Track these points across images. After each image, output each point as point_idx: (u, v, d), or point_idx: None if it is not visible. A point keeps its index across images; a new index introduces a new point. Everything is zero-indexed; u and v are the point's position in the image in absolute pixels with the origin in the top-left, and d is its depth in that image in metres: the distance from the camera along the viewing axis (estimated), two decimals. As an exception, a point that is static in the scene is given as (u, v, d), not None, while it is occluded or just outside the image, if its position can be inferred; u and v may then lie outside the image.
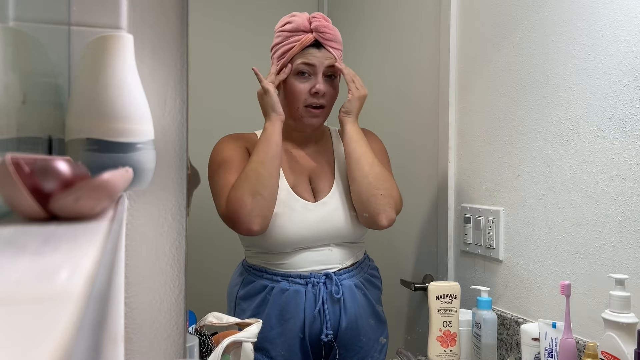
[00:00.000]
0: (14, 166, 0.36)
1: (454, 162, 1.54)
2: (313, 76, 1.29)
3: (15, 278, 0.23)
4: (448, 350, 1.20)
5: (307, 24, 1.29)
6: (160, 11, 0.66)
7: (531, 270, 1.25)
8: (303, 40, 1.28)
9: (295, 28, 1.29)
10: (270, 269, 1.32)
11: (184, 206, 0.68)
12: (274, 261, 1.32)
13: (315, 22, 1.28)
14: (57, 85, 0.61)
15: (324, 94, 1.30)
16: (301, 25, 1.28)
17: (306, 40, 1.28)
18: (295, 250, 1.30)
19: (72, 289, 0.21)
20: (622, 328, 0.89)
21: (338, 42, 1.32)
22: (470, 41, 1.47)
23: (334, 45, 1.31)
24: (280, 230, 1.27)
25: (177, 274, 0.68)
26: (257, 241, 1.31)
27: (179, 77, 0.67)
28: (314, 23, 1.28)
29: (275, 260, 1.32)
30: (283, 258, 1.31)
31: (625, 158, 1.03)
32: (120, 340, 0.56)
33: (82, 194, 0.37)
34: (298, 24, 1.29)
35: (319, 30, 1.28)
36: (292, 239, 1.29)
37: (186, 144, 0.68)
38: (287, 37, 1.29)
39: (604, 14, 1.07)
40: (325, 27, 1.29)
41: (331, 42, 1.30)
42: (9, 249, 0.29)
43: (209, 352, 0.90)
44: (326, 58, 1.30)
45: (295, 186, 1.32)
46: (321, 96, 1.30)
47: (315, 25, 1.28)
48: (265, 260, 1.33)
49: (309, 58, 1.28)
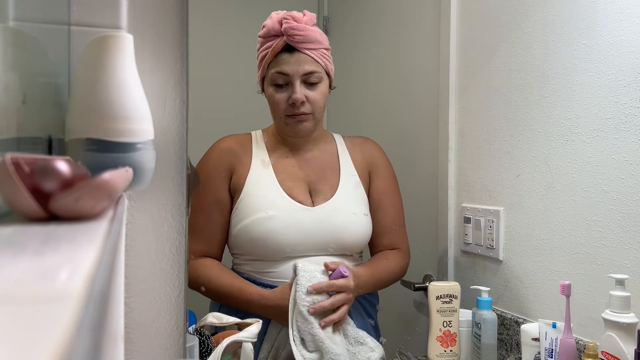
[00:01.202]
0: (14, 166, 0.36)
1: (454, 162, 1.54)
2: (290, 85, 1.21)
3: (15, 278, 0.23)
4: (448, 350, 1.20)
5: (277, 26, 1.19)
6: (160, 11, 0.66)
7: (531, 270, 1.25)
8: (274, 46, 1.19)
9: (267, 33, 1.21)
10: (259, 278, 1.24)
11: (184, 206, 0.68)
12: (264, 269, 1.23)
13: (285, 24, 1.18)
14: (57, 85, 0.61)
15: (303, 102, 1.22)
16: (272, 30, 1.20)
17: (277, 45, 1.19)
18: (287, 259, 1.22)
19: (72, 289, 0.21)
20: (622, 328, 0.89)
21: (314, 41, 1.21)
22: (470, 41, 1.47)
23: (309, 47, 1.20)
24: (272, 234, 1.19)
25: (177, 274, 0.68)
26: (246, 246, 1.23)
27: (179, 77, 0.67)
28: (283, 25, 1.18)
29: (266, 269, 1.23)
30: (274, 266, 1.22)
31: (625, 158, 1.03)
32: (120, 340, 0.56)
33: (82, 194, 0.37)
34: (269, 28, 1.20)
35: (288, 33, 1.18)
36: (285, 245, 1.20)
37: (186, 144, 0.68)
38: (263, 42, 1.23)
39: (604, 14, 1.07)
40: (294, 29, 1.18)
41: (305, 44, 1.20)
42: (9, 249, 0.29)
43: (209, 352, 0.90)
44: (301, 63, 1.20)
45: (291, 190, 1.25)
46: (300, 105, 1.22)
47: (284, 27, 1.18)
48: (256, 268, 1.24)
49: (282, 67, 1.20)
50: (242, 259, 1.27)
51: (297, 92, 1.20)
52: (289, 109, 1.23)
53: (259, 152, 1.30)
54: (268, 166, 1.28)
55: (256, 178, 1.26)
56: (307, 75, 1.21)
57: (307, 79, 1.22)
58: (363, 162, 1.36)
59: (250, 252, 1.24)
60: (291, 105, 1.22)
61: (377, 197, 1.35)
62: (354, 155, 1.36)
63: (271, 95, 1.24)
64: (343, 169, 1.33)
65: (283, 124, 1.26)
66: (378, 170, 1.37)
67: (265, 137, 1.34)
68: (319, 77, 1.24)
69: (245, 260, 1.26)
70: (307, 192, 1.28)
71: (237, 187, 1.26)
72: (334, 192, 1.28)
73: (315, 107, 1.24)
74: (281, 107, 1.23)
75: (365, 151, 1.38)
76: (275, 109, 1.25)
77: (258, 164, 1.28)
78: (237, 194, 1.26)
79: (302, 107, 1.22)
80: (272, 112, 1.28)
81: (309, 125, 1.26)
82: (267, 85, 1.25)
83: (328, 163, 1.33)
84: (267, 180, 1.26)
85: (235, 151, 1.29)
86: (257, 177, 1.26)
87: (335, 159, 1.34)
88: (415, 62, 1.74)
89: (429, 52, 1.64)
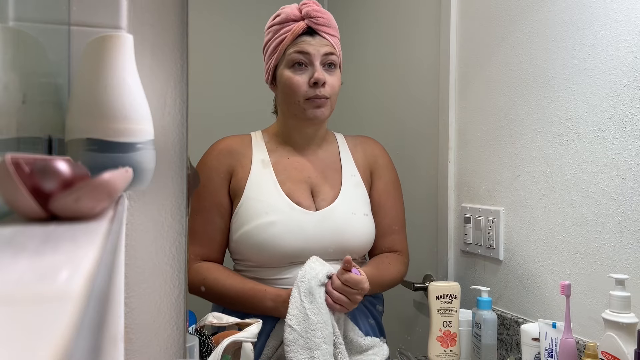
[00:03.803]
0: (14, 166, 0.36)
1: (454, 162, 1.54)
2: (310, 66, 1.20)
3: (15, 278, 0.23)
4: (448, 350, 1.20)
5: (297, 12, 1.21)
6: (160, 11, 0.66)
7: (531, 270, 1.25)
8: (294, 29, 1.20)
9: (284, 19, 1.21)
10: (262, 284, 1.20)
11: (184, 206, 0.68)
12: (267, 276, 1.21)
13: (306, 8, 1.21)
14: (57, 85, 0.61)
15: (324, 84, 1.20)
16: (291, 15, 1.21)
17: (298, 28, 1.20)
18: (291, 264, 1.19)
19: (72, 289, 0.21)
20: (622, 328, 0.89)
21: (333, 27, 1.24)
22: (470, 41, 1.47)
23: (328, 31, 1.22)
24: (275, 240, 1.17)
25: (177, 274, 0.68)
26: (248, 253, 1.21)
27: (179, 77, 0.67)
28: (304, 9, 1.21)
29: (269, 275, 1.21)
30: (277, 272, 1.20)
31: (625, 158, 1.03)
32: (120, 340, 0.56)
33: (82, 194, 0.37)
34: (287, 13, 1.21)
35: (310, 15, 1.20)
36: (287, 251, 1.17)
37: (186, 144, 0.68)
38: (278, 30, 1.22)
39: (604, 14, 1.07)
40: (317, 12, 1.21)
41: (325, 27, 1.22)
42: (9, 249, 0.29)
43: (209, 352, 0.90)
44: (322, 45, 1.21)
45: (292, 193, 1.22)
46: (322, 86, 1.20)
47: (305, 11, 1.20)
48: (258, 275, 1.22)
49: (303, 47, 1.20)
50: (243, 265, 1.25)
51: (319, 70, 1.20)
52: (310, 90, 1.20)
53: (259, 154, 1.27)
54: (269, 168, 1.25)
55: (257, 181, 1.23)
56: (327, 55, 1.21)
57: (327, 59, 1.21)
58: (365, 162, 1.35)
59: (252, 259, 1.22)
60: (312, 85, 1.20)
61: (378, 198, 1.34)
62: (355, 155, 1.35)
63: (289, 78, 1.21)
64: (345, 170, 1.31)
65: (300, 109, 1.22)
66: (380, 170, 1.36)
67: (265, 137, 1.31)
68: (337, 62, 1.24)
69: (247, 266, 1.24)
70: (309, 195, 1.25)
71: (237, 191, 1.23)
72: (337, 194, 1.26)
73: (333, 92, 1.23)
74: (301, 89, 1.20)
75: (367, 151, 1.37)
76: (293, 93, 1.21)
77: (258, 166, 1.25)
78: (237, 198, 1.23)
79: (323, 89, 1.21)
80: (288, 98, 1.23)
81: (326, 111, 1.24)
82: (284, 68, 1.22)
83: (330, 164, 1.31)
84: (268, 183, 1.23)
85: (235, 153, 1.27)
86: (258, 180, 1.23)
87: (337, 159, 1.33)
88: (415, 62, 1.74)
89: (429, 51, 1.64)
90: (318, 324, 1.08)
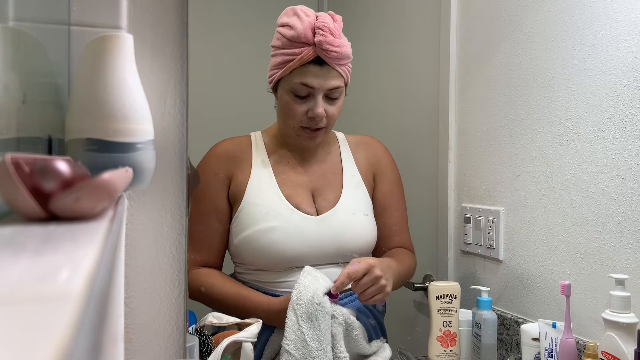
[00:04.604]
0: (14, 166, 0.36)
1: (454, 162, 1.54)
2: (311, 97, 1.16)
3: (15, 278, 0.23)
4: (448, 350, 1.20)
5: (310, 35, 1.11)
6: (160, 11, 0.66)
7: (531, 270, 1.25)
8: (303, 56, 1.12)
9: (295, 37, 1.11)
10: (263, 287, 1.20)
11: (184, 206, 0.68)
12: (268, 279, 1.20)
13: (319, 37, 1.10)
14: (57, 85, 0.61)
15: (322, 118, 1.18)
16: (302, 36, 1.11)
17: (306, 56, 1.12)
18: (291, 269, 1.18)
19: (72, 289, 0.21)
20: (622, 328, 0.89)
21: (346, 57, 1.16)
22: (470, 41, 1.47)
23: (340, 62, 1.15)
24: (275, 245, 1.16)
25: (177, 274, 0.68)
26: (248, 257, 1.20)
27: (179, 77, 0.67)
28: (317, 36, 1.10)
29: (270, 279, 1.20)
30: (278, 276, 1.19)
31: (625, 158, 1.03)
32: (120, 340, 0.56)
33: (82, 194, 0.37)
34: (299, 32, 1.11)
35: (323, 47, 1.10)
36: (288, 256, 1.16)
37: (186, 144, 0.68)
38: (286, 44, 1.14)
39: (604, 14, 1.07)
40: (330, 44, 1.10)
41: (337, 60, 1.14)
42: (9, 249, 0.29)
43: (209, 352, 0.90)
44: (328, 78, 1.15)
45: (292, 197, 1.21)
46: (319, 120, 1.18)
47: (319, 40, 1.10)
48: (259, 278, 1.21)
49: (308, 79, 1.13)
50: (244, 268, 1.24)
51: (319, 106, 1.16)
52: (306, 121, 1.18)
53: (259, 157, 1.25)
54: (269, 172, 1.24)
55: (257, 185, 1.22)
56: (331, 90, 1.17)
57: (330, 94, 1.17)
58: (367, 164, 1.33)
59: (252, 263, 1.21)
60: (310, 119, 1.17)
61: (383, 199, 1.33)
62: (357, 156, 1.33)
63: (287, 103, 1.18)
64: (346, 171, 1.30)
65: (294, 134, 1.21)
66: (383, 171, 1.34)
67: (265, 138, 1.30)
68: (341, 92, 1.20)
69: (248, 270, 1.23)
70: (310, 199, 1.24)
71: (237, 195, 1.22)
72: (338, 198, 1.25)
73: (331, 121, 1.21)
74: (297, 118, 1.18)
75: (370, 152, 1.35)
76: (289, 118, 1.19)
77: (258, 170, 1.23)
78: (237, 203, 1.22)
79: (321, 121, 1.19)
80: (284, 119, 1.21)
81: (320, 139, 1.24)
82: (285, 91, 1.17)
83: (331, 166, 1.29)
84: (268, 187, 1.22)
85: (234, 156, 1.25)
86: (258, 185, 1.22)
87: (337, 160, 1.31)
88: (416, 62, 1.74)
89: (429, 52, 1.64)
90: (317, 352, 1.04)
